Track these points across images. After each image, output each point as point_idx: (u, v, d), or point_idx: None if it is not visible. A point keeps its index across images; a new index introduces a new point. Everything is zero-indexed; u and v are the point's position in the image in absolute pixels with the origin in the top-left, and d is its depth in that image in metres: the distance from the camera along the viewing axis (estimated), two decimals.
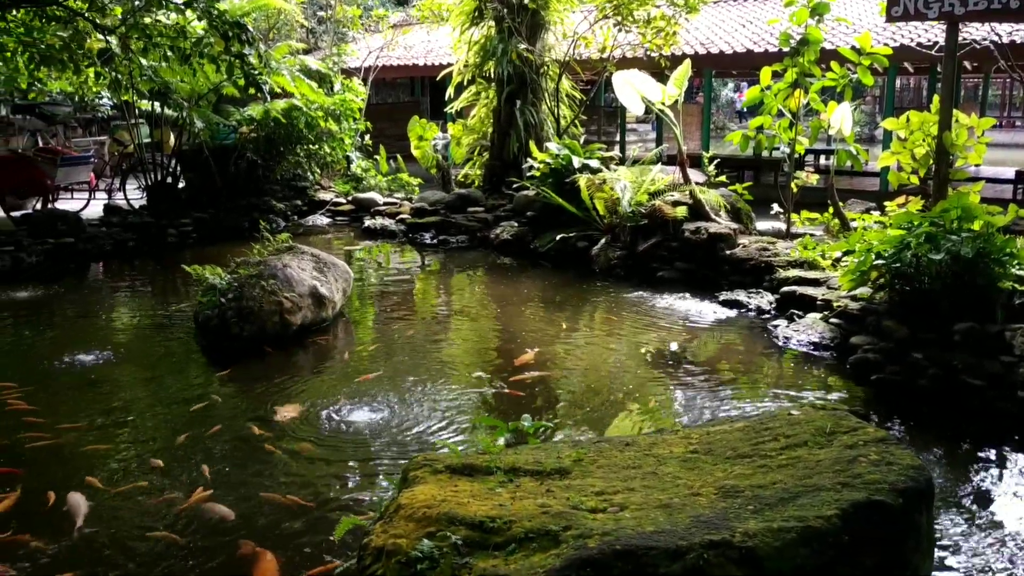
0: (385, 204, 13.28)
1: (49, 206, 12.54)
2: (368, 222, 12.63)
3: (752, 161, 14.87)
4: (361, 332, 7.74)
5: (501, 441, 3.34)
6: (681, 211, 9.06)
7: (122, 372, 6.41)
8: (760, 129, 9.04)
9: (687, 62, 9.90)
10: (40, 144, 15.20)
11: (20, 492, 4.25)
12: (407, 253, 11.38)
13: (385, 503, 3.86)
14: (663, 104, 9.80)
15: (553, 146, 10.89)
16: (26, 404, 5.46)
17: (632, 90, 9.64)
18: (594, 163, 10.44)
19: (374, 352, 6.94)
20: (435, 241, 11.64)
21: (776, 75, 8.87)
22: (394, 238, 12.07)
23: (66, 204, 12.96)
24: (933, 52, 8.81)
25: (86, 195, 13.60)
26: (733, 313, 7.67)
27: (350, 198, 13.99)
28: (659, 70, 11.83)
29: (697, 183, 9.76)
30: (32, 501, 4.17)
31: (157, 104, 12.60)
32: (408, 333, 7.44)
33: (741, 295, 7.94)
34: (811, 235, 8.72)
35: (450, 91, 13.68)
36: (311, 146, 13.41)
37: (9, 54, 10.74)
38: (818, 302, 7.07)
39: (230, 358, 6.53)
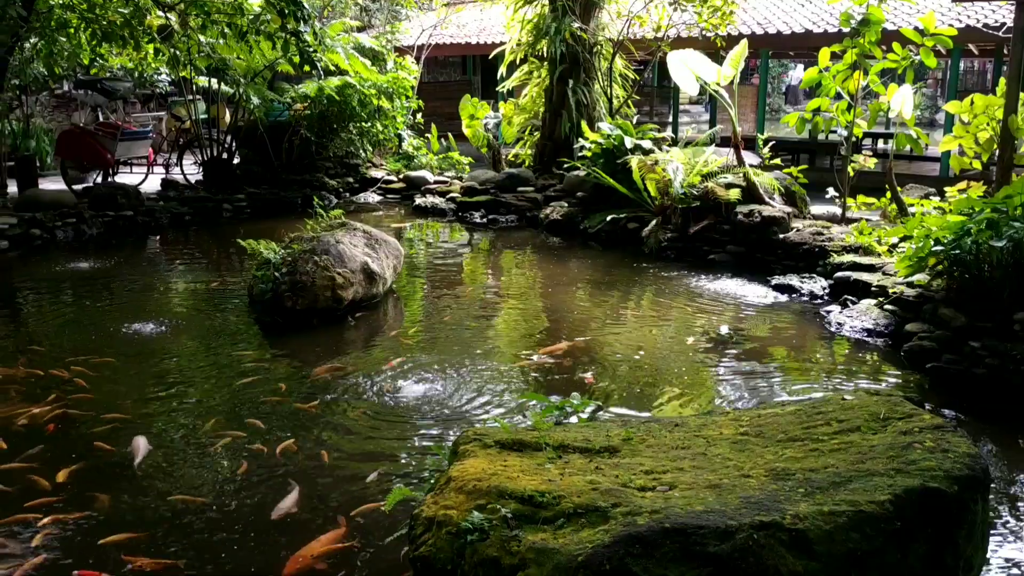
0: (435, 183, 13.33)
1: (109, 179, 12.83)
2: (418, 200, 12.71)
3: (808, 144, 14.62)
4: (410, 309, 7.81)
5: (550, 418, 3.36)
6: (734, 193, 8.96)
7: (179, 342, 6.56)
8: (817, 111, 8.88)
9: (744, 42, 9.74)
10: (101, 119, 15.54)
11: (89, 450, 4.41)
12: (456, 232, 11.42)
13: (435, 475, 3.95)
14: (718, 85, 9.67)
15: (605, 126, 10.82)
16: (89, 371, 5.62)
17: (687, 70, 9.53)
18: (647, 144, 10.35)
19: (423, 328, 7.01)
20: (484, 220, 11.67)
21: (835, 56, 8.69)
22: (444, 216, 12.13)
23: (125, 178, 13.24)
24: (1000, 33, 8.55)
25: (144, 169, 13.87)
26: (785, 298, 7.58)
27: (401, 176, 14.08)
28: (714, 50, 11.67)
29: (751, 165, 9.63)
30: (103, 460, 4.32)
31: (214, 81, 12.79)
32: (456, 311, 7.49)
33: (794, 279, 7.83)
34: (867, 220, 8.56)
35: (502, 70, 13.64)
36: (363, 124, 13.50)
37: (72, 30, 10.98)
38: (873, 288, 6.95)
39: (283, 331, 6.65)
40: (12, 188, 11.87)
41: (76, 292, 8.15)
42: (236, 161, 13.54)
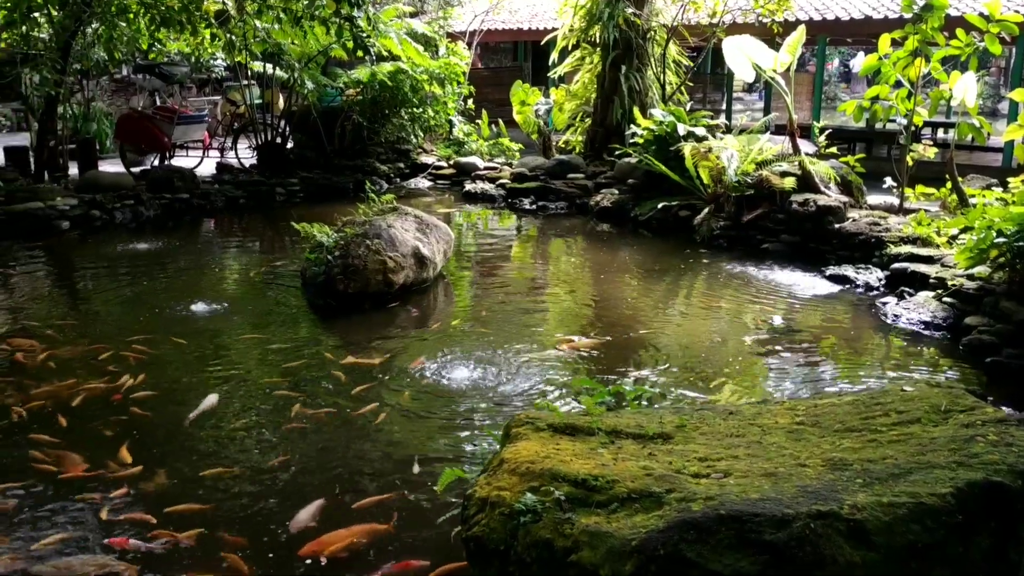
0: (485, 169, 13.34)
1: (166, 163, 13.07)
2: (468, 186, 12.73)
3: (865, 133, 14.34)
4: (460, 293, 7.83)
5: (602, 404, 3.35)
6: (789, 182, 8.82)
7: (233, 322, 6.67)
8: (876, 99, 8.69)
9: (801, 28, 9.56)
10: (158, 103, 15.83)
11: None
12: (506, 218, 11.43)
13: (487, 457, 3.96)
14: (774, 72, 9.51)
15: (658, 113, 10.72)
16: (147, 349, 5.75)
17: (743, 56, 9.38)
18: (700, 131, 10.24)
19: (472, 313, 7.04)
20: (534, 207, 11.65)
21: (895, 43, 8.49)
22: (493, 203, 12.14)
23: (181, 161, 13.47)
24: None
25: (200, 153, 14.11)
26: (839, 288, 7.45)
27: (451, 162, 14.11)
28: (771, 37, 11.48)
29: (806, 154, 9.47)
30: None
31: (268, 66, 12.93)
32: (505, 297, 7.50)
33: (849, 270, 7.70)
34: (926, 211, 8.37)
35: (554, 56, 13.59)
36: (415, 109, 13.56)
37: (132, 16, 11.19)
38: (931, 280, 6.80)
39: (334, 314, 6.72)
40: (73, 170, 12.14)
41: (134, 272, 8.32)
42: (289, 146, 13.69)
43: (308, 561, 3.26)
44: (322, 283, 6.95)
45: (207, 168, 13.31)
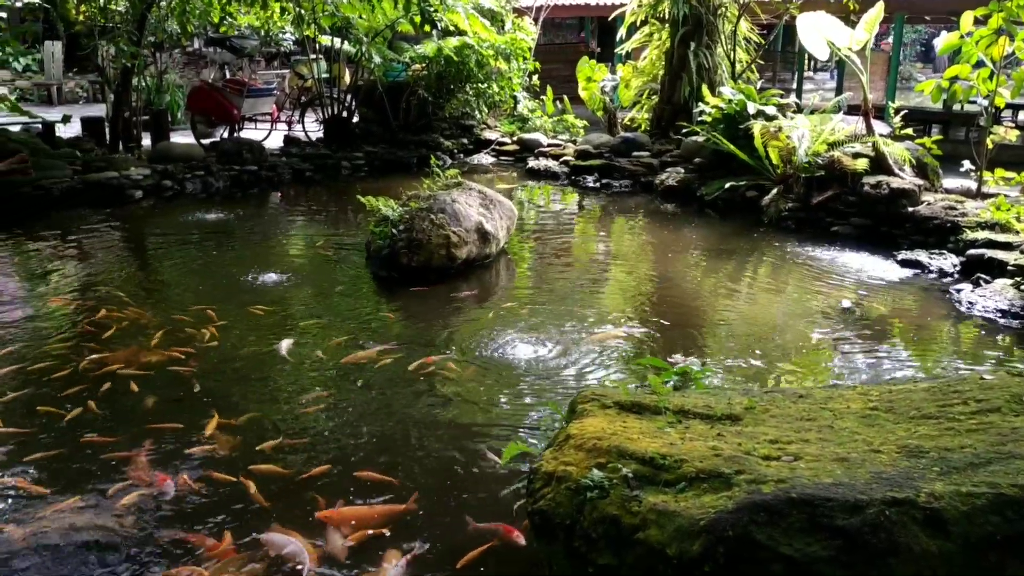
0: (549, 145, 13.28)
1: (235, 135, 13.29)
2: (531, 163, 12.69)
3: (942, 114, 13.88)
4: (522, 270, 7.83)
5: (668, 383, 3.32)
6: (861, 163, 8.59)
7: (299, 293, 6.78)
8: (955, 79, 8.40)
9: (880, 5, 9.27)
10: (228, 76, 16.08)
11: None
12: (569, 195, 11.37)
13: (547, 432, 3.97)
14: (850, 50, 9.26)
15: (727, 91, 10.53)
16: (216, 317, 5.87)
17: (817, 34, 9.15)
18: (770, 110, 10.03)
19: (534, 290, 7.03)
20: (598, 184, 11.57)
21: (978, 21, 8.17)
22: (556, 180, 12.09)
23: (250, 133, 13.68)
24: None
25: (268, 126, 14.30)
26: (911, 273, 7.25)
27: (515, 138, 14.07)
28: (847, 13, 11.15)
29: (880, 135, 9.21)
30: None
31: (336, 40, 13.02)
32: (567, 274, 7.48)
33: (922, 255, 7.49)
34: (1005, 196, 8.08)
35: (622, 32, 13.42)
36: (480, 85, 13.54)
37: None
38: (1009, 267, 6.58)
39: (397, 286, 6.77)
40: (146, 141, 12.42)
41: (203, 241, 8.50)
42: (355, 120, 13.80)
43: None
44: (386, 256, 7.01)
45: (275, 141, 13.50)
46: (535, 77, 15.06)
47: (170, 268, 7.67)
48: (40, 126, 11.68)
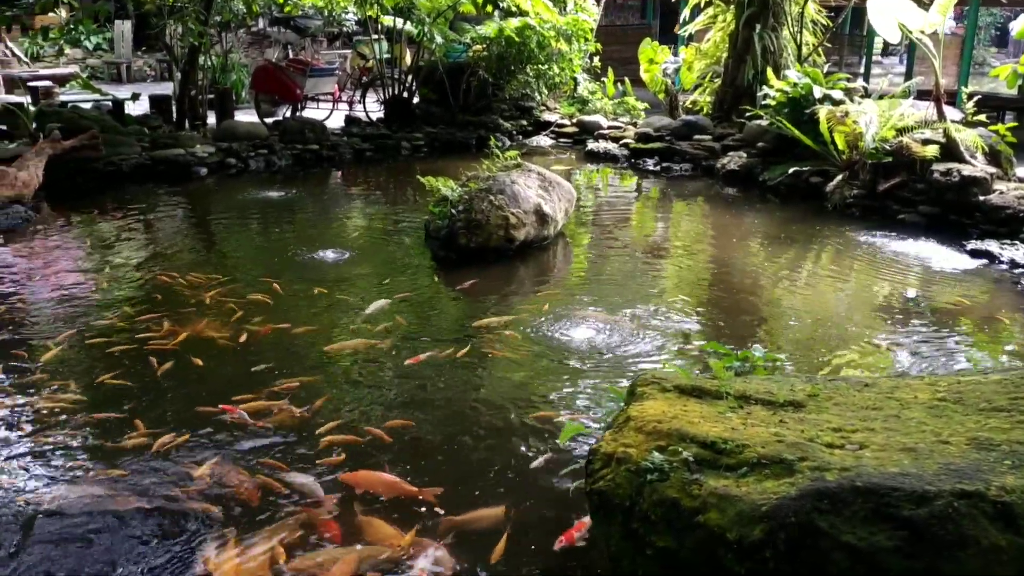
0: (609, 128, 13.18)
1: (298, 114, 13.45)
2: (591, 145, 12.61)
3: (1017, 100, 13.42)
4: (579, 252, 7.80)
5: (730, 368, 3.29)
6: (931, 150, 8.36)
7: (358, 271, 6.86)
8: None
9: None
10: (291, 56, 16.26)
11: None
12: (628, 178, 11.29)
13: (602, 414, 3.97)
14: (922, 33, 8.99)
15: (793, 74, 10.32)
16: (279, 291, 5.97)
17: (889, 16, 8.89)
18: (837, 94, 9.80)
19: (591, 272, 7.02)
20: (658, 168, 11.46)
21: None
22: (616, 163, 12.00)
23: (312, 113, 13.83)
24: None
25: (330, 105, 14.43)
26: (981, 264, 7.05)
27: (574, 120, 13.99)
28: None
29: (952, 121, 8.94)
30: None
31: (398, 20, 13.07)
32: (624, 257, 7.44)
33: (993, 246, 7.27)
34: None
35: (685, 13, 13.23)
36: (541, 66, 13.46)
37: None
38: None
39: (455, 267, 6.80)
40: (211, 119, 12.64)
41: (265, 219, 8.64)
42: (415, 101, 13.85)
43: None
44: (445, 236, 7.04)
45: (336, 120, 13.63)
46: (596, 59, 14.93)
47: (233, 244, 7.83)
48: (110, 103, 11.98)
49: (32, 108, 11.29)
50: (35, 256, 7.03)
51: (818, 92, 9.82)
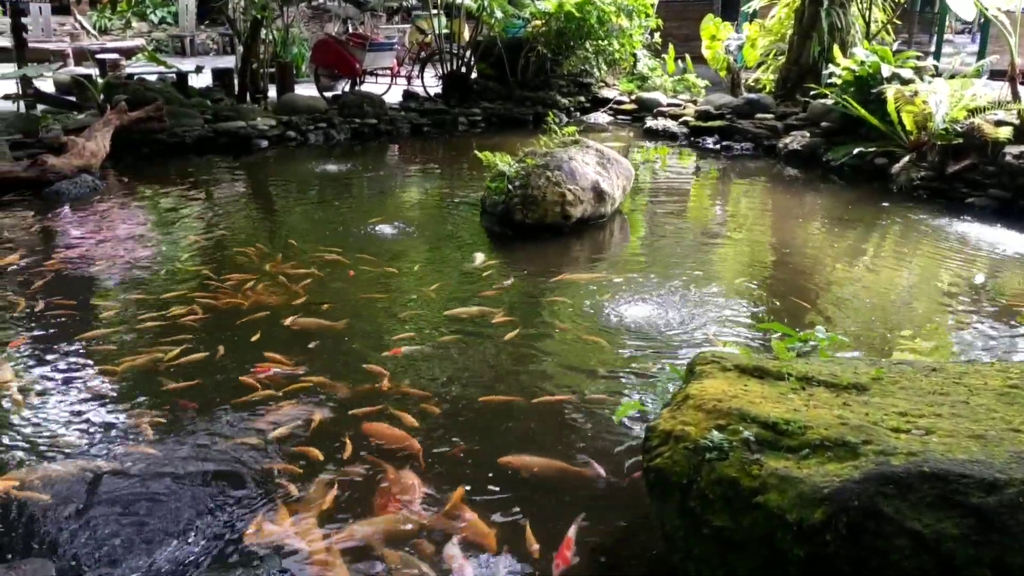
0: (668, 105, 13.01)
1: (357, 88, 13.52)
2: (649, 122, 12.47)
3: None
4: (635, 231, 7.73)
5: (791, 349, 3.23)
6: (1004, 132, 8.08)
7: (415, 245, 6.89)
8: None
9: None
10: (351, 30, 16.34)
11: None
12: (687, 157, 11.14)
13: (655, 393, 3.94)
14: (998, 10, 8.68)
15: (860, 52, 10.05)
16: (341, 261, 6.04)
17: None
18: (906, 73, 9.53)
19: (647, 251, 6.94)
20: (717, 146, 11.29)
21: None
22: (675, 140, 11.85)
23: (371, 87, 13.89)
24: None
25: (388, 80, 14.49)
26: None
27: (633, 97, 13.84)
28: None
29: None
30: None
31: None
32: (681, 237, 7.35)
33: None
34: None
35: None
36: (600, 42, 13.32)
37: None
38: None
39: (511, 242, 6.80)
40: (271, 93, 12.78)
41: (323, 192, 8.73)
42: (473, 76, 13.83)
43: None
44: (501, 212, 7.03)
45: (394, 95, 13.68)
46: (657, 35, 14.73)
47: (292, 216, 7.92)
48: (175, 76, 12.18)
49: (100, 80, 11.54)
50: (102, 225, 7.20)
51: (886, 71, 9.55)
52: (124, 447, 3.60)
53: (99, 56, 14.92)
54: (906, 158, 8.78)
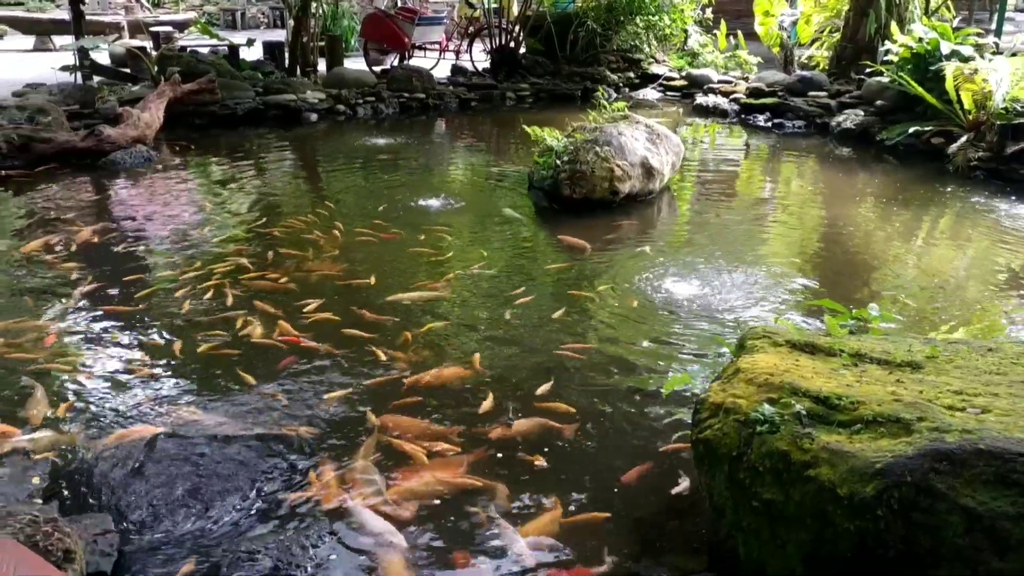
0: (719, 82, 12.85)
1: (405, 63, 13.55)
2: (700, 99, 12.33)
3: None
4: (683, 208, 7.66)
5: (844, 326, 3.20)
6: None
7: (462, 219, 6.91)
8: None
9: None
10: (400, 4, 16.34)
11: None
12: (737, 134, 11.00)
13: (701, 369, 3.92)
14: None
15: (919, 28, 9.81)
16: (390, 234, 6.09)
17: None
18: (966, 50, 9.28)
19: (695, 228, 6.89)
20: (769, 124, 11.12)
21: None
22: (725, 118, 11.71)
23: (419, 62, 13.91)
24: None
25: (437, 54, 14.49)
26: None
27: (683, 73, 13.69)
28: None
29: None
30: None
31: None
32: (730, 214, 7.27)
33: None
34: None
35: None
36: (651, 17, 13.19)
37: None
38: None
39: (558, 218, 6.78)
40: (321, 67, 12.86)
41: (371, 165, 8.78)
42: (522, 51, 13.77)
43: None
44: (548, 187, 7.02)
45: (442, 70, 13.68)
46: (708, 11, 14.52)
47: (341, 189, 7.99)
48: (226, 49, 12.30)
49: (154, 53, 11.71)
50: (156, 194, 7.34)
51: (945, 48, 9.32)
52: (181, 409, 3.70)
53: (153, 29, 15.14)
54: (964, 138, 8.58)
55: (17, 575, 2.01)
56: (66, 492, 3.11)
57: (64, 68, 10.67)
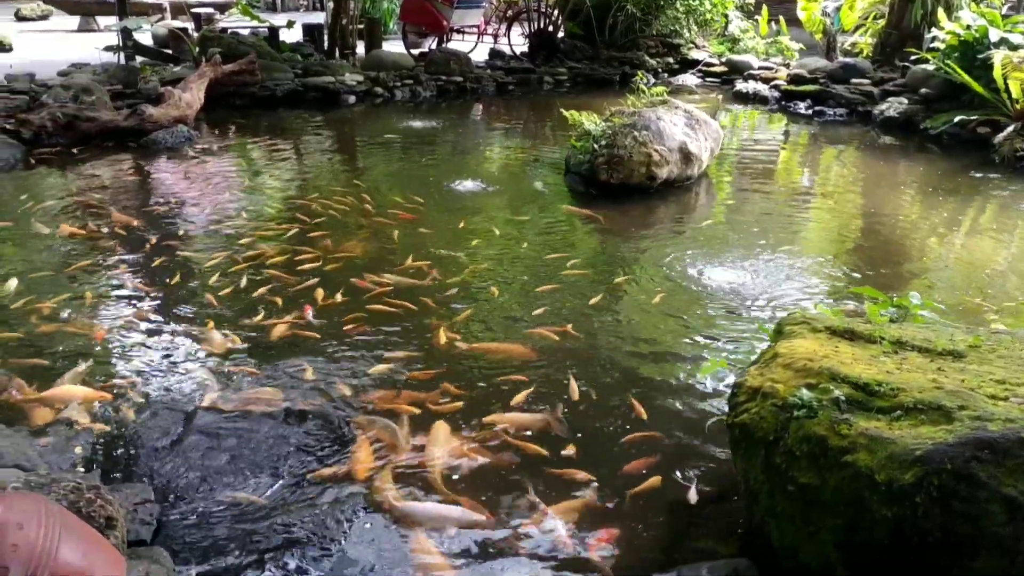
0: (760, 68, 12.69)
1: (443, 46, 13.54)
2: (740, 85, 12.20)
3: None
4: (722, 194, 7.59)
5: (884, 314, 3.16)
6: None
7: (498, 202, 6.91)
8: None
9: None
10: None
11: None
12: (777, 121, 10.87)
13: (738, 354, 3.90)
14: None
15: (967, 15, 9.61)
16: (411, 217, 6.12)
17: None
18: (1016, 38, 9.07)
19: (733, 215, 6.82)
20: (809, 111, 10.98)
21: None
22: (765, 104, 11.57)
23: (457, 45, 13.89)
24: None
25: (475, 38, 14.46)
26: None
27: (723, 59, 13.54)
28: None
29: None
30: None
31: None
32: (768, 202, 7.20)
33: None
34: None
35: None
36: (692, 2, 13.05)
37: None
38: None
39: (595, 202, 6.75)
40: (359, 49, 12.88)
41: (407, 147, 8.80)
42: (560, 35, 13.70)
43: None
44: (585, 171, 7.00)
45: (480, 53, 13.65)
46: None
47: (374, 171, 8.01)
48: (267, 30, 12.37)
49: (195, 33, 11.81)
50: (196, 173, 7.42)
51: (994, 35, 9.12)
52: (212, 387, 3.76)
53: (194, 10, 15.23)
54: (1011, 127, 8.40)
55: (62, 541, 2.05)
56: (109, 462, 3.18)
57: (108, 48, 10.80)
